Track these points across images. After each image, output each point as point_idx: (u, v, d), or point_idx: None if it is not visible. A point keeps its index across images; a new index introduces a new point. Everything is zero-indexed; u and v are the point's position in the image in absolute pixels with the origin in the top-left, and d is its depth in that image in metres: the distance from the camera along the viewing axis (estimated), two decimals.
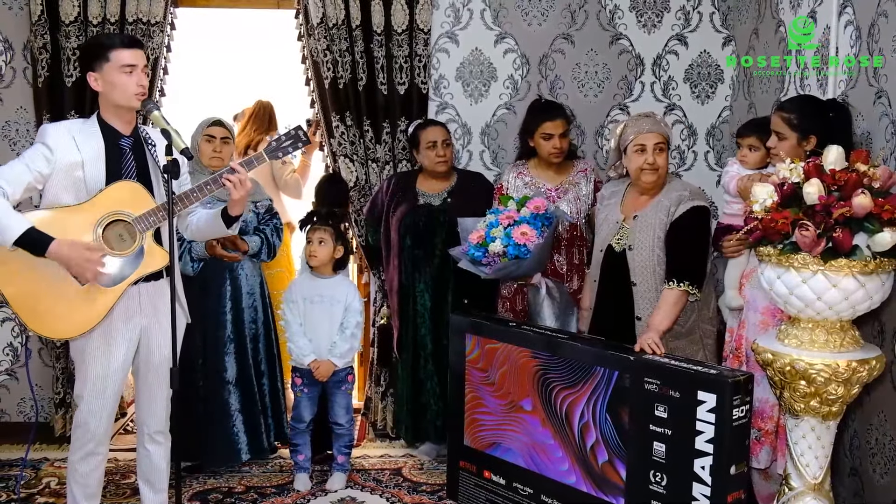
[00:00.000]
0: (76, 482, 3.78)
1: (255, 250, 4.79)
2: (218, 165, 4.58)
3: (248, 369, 4.83)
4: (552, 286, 4.55)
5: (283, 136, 3.79)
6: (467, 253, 4.45)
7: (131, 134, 3.71)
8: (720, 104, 5.61)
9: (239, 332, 4.81)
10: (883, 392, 3.66)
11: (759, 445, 3.88)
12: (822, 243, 3.04)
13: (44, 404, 5.44)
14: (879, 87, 3.68)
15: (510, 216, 4.37)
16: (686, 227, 3.97)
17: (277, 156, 3.79)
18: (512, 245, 4.28)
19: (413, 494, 4.59)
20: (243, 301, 4.82)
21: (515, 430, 4.16)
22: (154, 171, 3.72)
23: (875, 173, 3.09)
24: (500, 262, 4.33)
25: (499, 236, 4.32)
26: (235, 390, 4.79)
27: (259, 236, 4.82)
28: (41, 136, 3.59)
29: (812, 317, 3.22)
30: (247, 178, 3.66)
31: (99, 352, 3.66)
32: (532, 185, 4.83)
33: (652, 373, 3.61)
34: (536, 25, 5.45)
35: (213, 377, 4.76)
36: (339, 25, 5.17)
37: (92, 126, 3.65)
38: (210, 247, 4.62)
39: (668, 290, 3.92)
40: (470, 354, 4.32)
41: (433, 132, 4.92)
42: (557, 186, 4.83)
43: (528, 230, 4.29)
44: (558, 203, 4.71)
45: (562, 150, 4.76)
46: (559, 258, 4.81)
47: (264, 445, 4.91)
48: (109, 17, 5.06)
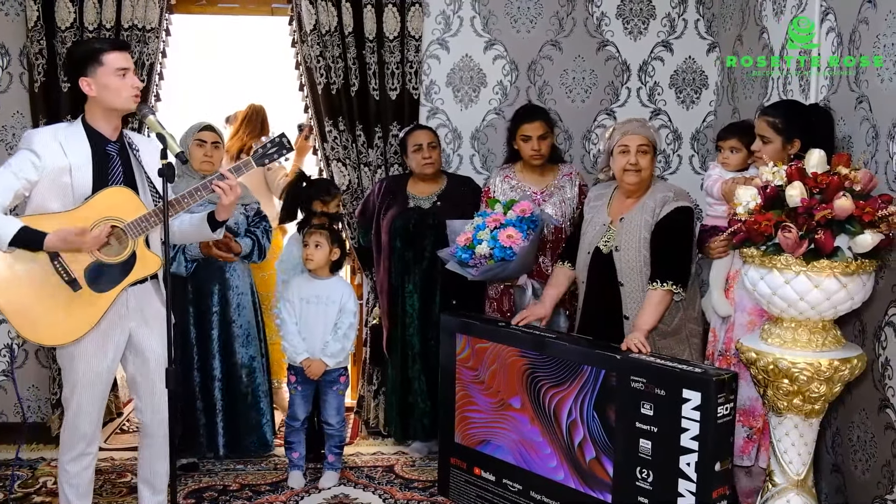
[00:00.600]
0: (68, 483, 3.80)
1: (247, 252, 4.85)
2: (209, 170, 4.63)
3: (234, 368, 4.90)
4: (538, 287, 4.63)
5: (268, 143, 3.84)
6: (455, 255, 4.52)
7: (117, 139, 3.71)
8: (705, 109, 5.69)
9: (227, 332, 4.87)
10: (864, 390, 3.73)
11: (751, 444, 3.94)
12: (804, 245, 3.11)
13: (40, 405, 5.46)
14: (860, 92, 3.75)
15: (497, 219, 4.45)
16: (670, 227, 4.02)
17: (264, 162, 3.82)
18: (498, 247, 4.35)
19: (405, 491, 4.65)
20: (234, 301, 4.88)
21: (505, 427, 4.22)
22: (140, 177, 3.73)
23: (856, 176, 3.15)
24: (486, 264, 4.41)
25: (485, 239, 4.39)
26: (220, 388, 4.86)
27: (250, 238, 4.87)
28: (27, 142, 3.56)
29: (795, 316, 3.29)
30: (237, 184, 3.70)
31: (87, 355, 3.66)
32: (518, 189, 4.89)
33: (638, 371, 3.67)
34: (525, 32, 5.53)
35: (202, 375, 4.85)
36: (331, 32, 5.23)
37: (78, 131, 3.64)
38: (205, 247, 4.67)
39: (653, 291, 3.97)
40: (460, 354, 4.39)
41: (419, 135, 4.99)
42: (543, 190, 4.89)
43: (513, 233, 4.36)
44: (543, 206, 4.77)
45: (540, 152, 4.82)
46: (545, 260, 4.86)
47: (245, 443, 4.98)
48: (105, 23, 5.09)
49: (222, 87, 5.89)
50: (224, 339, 4.88)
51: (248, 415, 4.97)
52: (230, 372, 4.90)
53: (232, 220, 4.73)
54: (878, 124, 3.60)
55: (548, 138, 4.86)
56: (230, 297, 4.87)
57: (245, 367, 4.93)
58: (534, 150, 4.81)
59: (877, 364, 3.63)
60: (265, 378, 5.08)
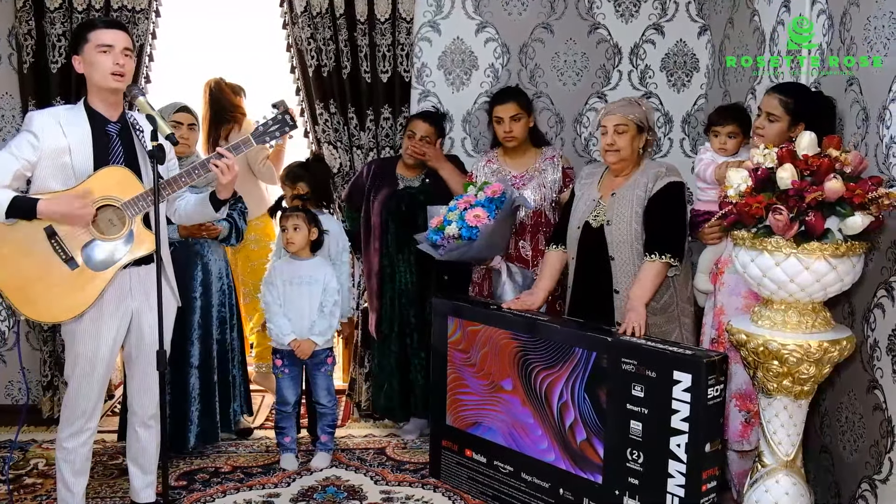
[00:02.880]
0: (64, 460, 3.82)
1: (225, 235, 4.82)
2: (184, 152, 4.57)
3: (210, 354, 4.85)
4: (515, 271, 4.64)
5: (269, 120, 3.77)
6: (427, 237, 4.55)
7: (118, 119, 3.72)
8: (696, 92, 5.70)
9: (206, 317, 4.83)
10: (853, 372, 3.75)
11: (749, 427, 3.96)
12: (794, 227, 3.12)
13: (32, 387, 5.47)
14: (851, 74, 3.76)
15: (468, 200, 4.47)
16: (665, 200, 4.05)
17: (265, 140, 3.77)
18: (465, 227, 4.37)
19: (396, 473, 4.66)
20: (213, 286, 4.85)
21: (496, 409, 4.25)
22: (142, 157, 3.74)
23: (847, 158, 3.16)
24: (453, 244, 4.42)
25: (454, 219, 4.41)
26: (197, 375, 4.80)
27: (227, 221, 4.82)
28: (27, 123, 3.60)
29: (785, 298, 3.30)
30: (234, 163, 3.69)
31: (89, 333, 3.70)
32: (498, 173, 4.88)
33: (629, 353, 3.69)
34: (517, 15, 5.52)
35: (178, 360, 4.73)
36: (322, 14, 5.22)
37: (78, 112, 3.66)
38: (182, 228, 4.63)
39: (650, 263, 4.00)
40: (452, 336, 4.40)
41: (416, 125, 4.99)
42: (522, 173, 4.88)
43: (480, 213, 4.38)
44: (522, 190, 4.75)
45: (512, 133, 4.80)
46: (524, 244, 4.86)
47: (218, 430, 4.91)
48: (94, 3, 5.08)
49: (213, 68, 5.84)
50: (204, 324, 4.83)
51: (222, 402, 4.93)
52: (205, 359, 4.83)
53: None
54: (869, 107, 3.61)
55: (521, 120, 4.81)
56: (211, 281, 4.84)
57: (223, 353, 4.91)
58: (505, 132, 4.80)
59: (865, 345, 3.64)
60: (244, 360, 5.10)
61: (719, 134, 4.21)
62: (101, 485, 4.47)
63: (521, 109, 4.81)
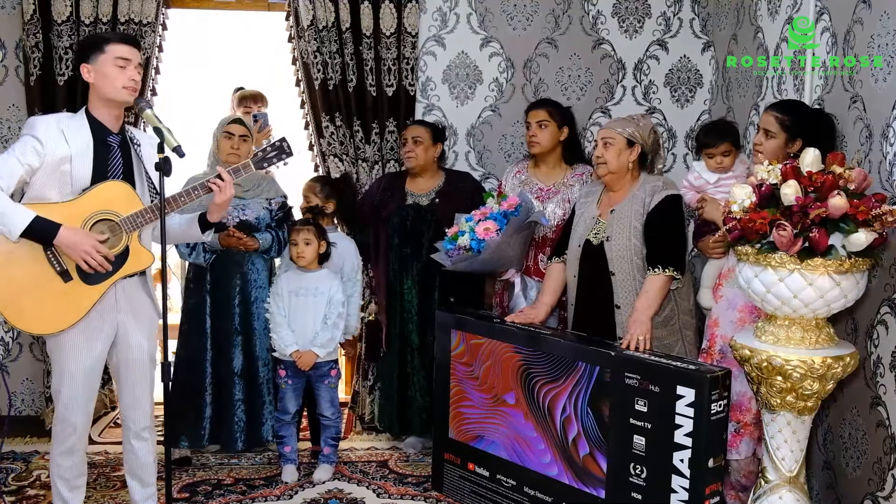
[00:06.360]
0: (59, 476, 3.80)
1: (266, 247, 4.83)
2: (235, 161, 4.57)
3: (253, 362, 4.90)
4: (530, 284, 4.65)
5: (268, 146, 3.88)
6: (443, 245, 4.57)
7: (119, 132, 3.70)
8: (699, 108, 5.72)
9: (246, 325, 4.86)
10: (856, 388, 3.75)
11: (738, 437, 3.97)
12: (798, 243, 3.13)
13: (34, 398, 5.49)
14: (854, 91, 3.77)
15: (484, 212, 4.48)
16: (663, 214, 4.07)
17: (262, 166, 3.86)
18: (475, 239, 4.38)
19: (399, 486, 4.66)
20: (252, 295, 4.87)
21: (499, 423, 4.25)
22: (138, 172, 3.73)
23: (850, 175, 3.17)
24: (461, 254, 4.44)
25: (467, 230, 4.42)
26: (240, 382, 4.86)
27: (270, 233, 4.84)
28: (30, 128, 3.54)
29: (788, 314, 3.30)
30: (229, 186, 3.71)
31: (76, 347, 3.66)
32: (526, 184, 4.87)
33: (632, 368, 3.69)
34: (521, 30, 5.54)
35: (222, 368, 4.84)
36: (328, 28, 5.25)
37: (80, 120, 3.63)
38: (223, 238, 4.67)
39: (654, 276, 4.01)
40: (455, 349, 4.41)
41: (409, 129, 5.03)
42: (549, 187, 4.86)
43: (490, 226, 4.39)
44: (546, 203, 4.76)
45: (535, 138, 4.79)
46: (543, 258, 4.83)
47: (262, 437, 4.96)
48: (102, 16, 5.11)
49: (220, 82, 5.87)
50: (245, 332, 4.87)
51: (263, 408, 4.95)
52: (248, 366, 4.89)
53: (254, 215, 4.79)
54: (872, 124, 3.62)
55: (547, 128, 4.79)
56: (249, 290, 4.86)
57: (261, 361, 4.92)
58: (530, 136, 4.81)
59: (869, 362, 3.65)
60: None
61: (713, 155, 4.23)
62: (104, 496, 4.46)
63: (549, 117, 4.79)
